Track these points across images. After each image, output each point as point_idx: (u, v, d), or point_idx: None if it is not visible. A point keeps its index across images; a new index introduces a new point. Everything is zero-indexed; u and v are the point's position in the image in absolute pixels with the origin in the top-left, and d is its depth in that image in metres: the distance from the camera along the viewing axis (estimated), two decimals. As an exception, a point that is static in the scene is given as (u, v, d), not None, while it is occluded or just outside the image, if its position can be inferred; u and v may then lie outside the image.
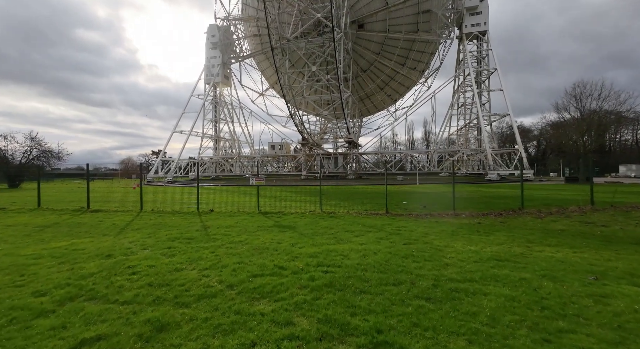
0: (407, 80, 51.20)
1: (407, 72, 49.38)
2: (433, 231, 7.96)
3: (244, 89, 54.62)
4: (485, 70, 44.42)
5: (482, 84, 45.24)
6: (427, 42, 46.72)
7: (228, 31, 50.84)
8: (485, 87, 45.12)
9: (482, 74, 45.25)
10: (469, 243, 6.63)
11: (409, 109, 52.79)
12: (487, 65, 44.34)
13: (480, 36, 44.16)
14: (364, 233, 7.74)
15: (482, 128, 40.95)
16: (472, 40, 45.22)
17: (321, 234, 7.63)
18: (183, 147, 48.43)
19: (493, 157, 38.62)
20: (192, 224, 9.30)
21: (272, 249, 6.24)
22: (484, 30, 43.73)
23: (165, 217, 10.59)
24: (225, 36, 50.37)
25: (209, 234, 7.77)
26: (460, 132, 48.28)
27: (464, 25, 44.52)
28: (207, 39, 50.90)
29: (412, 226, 8.67)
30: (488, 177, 37.38)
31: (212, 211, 11.77)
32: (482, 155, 41.92)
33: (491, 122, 45.37)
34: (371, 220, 9.78)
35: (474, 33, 44.01)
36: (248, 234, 7.77)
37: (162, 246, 6.49)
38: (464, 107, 47.06)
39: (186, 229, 8.39)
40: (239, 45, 52.00)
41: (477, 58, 45.18)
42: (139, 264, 5.27)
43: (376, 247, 6.30)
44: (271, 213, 11.22)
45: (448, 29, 46.12)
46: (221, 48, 50.35)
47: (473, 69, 43.54)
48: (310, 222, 9.32)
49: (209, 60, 50.74)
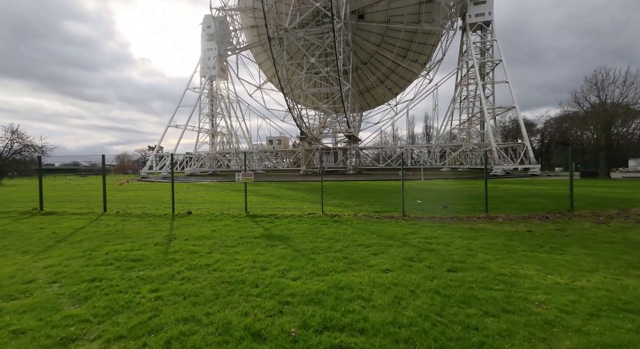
0: (408, 73, 48.66)
1: (408, 64, 46.82)
2: (477, 244, 5.69)
3: (241, 83, 51.95)
4: (490, 61, 41.90)
5: (485, 76, 42.75)
6: (429, 34, 44.10)
7: (224, 22, 47.98)
8: (489, 80, 42.65)
9: (486, 65, 42.73)
10: (544, 268, 4.36)
11: (410, 103, 50.34)
12: (491, 57, 41.82)
13: (484, 26, 41.57)
14: (384, 248, 5.46)
15: (487, 121, 38.56)
16: (475, 31, 42.63)
17: (324, 251, 5.34)
18: (178, 141, 46.01)
19: (498, 151, 36.35)
20: (156, 233, 6.99)
21: (250, 282, 3.94)
22: (488, 20, 41.14)
23: (127, 223, 8.27)
24: (221, 27, 47.53)
25: (169, 251, 5.46)
26: (462, 126, 45.92)
27: (467, 15, 41.90)
28: (203, 31, 48.08)
29: (443, 235, 6.39)
30: (493, 172, 35.14)
31: (190, 213, 9.46)
32: (486, 149, 39.64)
33: (495, 115, 43.00)
34: (386, 226, 7.50)
35: (478, 23, 41.41)
36: (223, 250, 5.47)
37: (84, 277, 4.18)
38: (467, 101, 44.63)
39: (142, 242, 6.09)
40: (236, 36, 49.21)
41: (480, 49, 42.64)
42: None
43: (410, 278, 4.01)
44: (261, 217, 8.91)
45: (451, 19, 43.41)
46: (217, 40, 47.58)
47: (477, 60, 41.00)
48: (309, 230, 7.03)
49: (205, 52, 48.00)
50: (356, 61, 47.40)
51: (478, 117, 44.27)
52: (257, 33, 46.59)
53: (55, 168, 54.98)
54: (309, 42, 40.39)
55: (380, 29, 44.23)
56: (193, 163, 48.06)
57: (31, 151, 27.89)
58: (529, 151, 35.67)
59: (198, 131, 48.11)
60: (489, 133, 37.93)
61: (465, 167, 42.94)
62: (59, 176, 43.44)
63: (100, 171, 37.82)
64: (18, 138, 27.19)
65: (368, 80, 50.22)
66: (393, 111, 53.56)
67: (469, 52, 42.05)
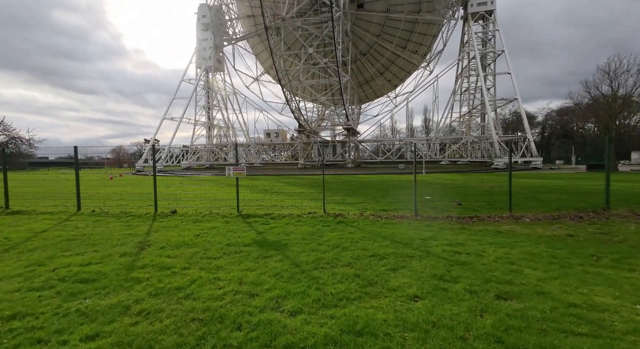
0: (408, 65, 47.19)
1: (408, 55, 45.31)
2: (516, 255, 4.57)
3: (237, 74, 50.26)
4: (492, 52, 40.43)
5: (487, 67, 41.35)
6: (429, 24, 42.50)
7: (220, 11, 45.99)
8: (491, 71, 41.27)
9: (487, 57, 41.29)
10: (623, 293, 3.24)
11: (409, 95, 48.95)
12: (493, 48, 40.36)
13: (486, 16, 40.00)
14: (403, 260, 4.33)
15: (488, 114, 37.34)
16: (477, 21, 41.06)
17: (330, 265, 4.20)
18: (174, 134, 44.49)
19: (500, 144, 35.23)
20: (129, 238, 5.81)
21: (231, 320, 2.79)
22: (490, 10, 39.58)
23: (100, 224, 7.09)
24: (216, 17, 45.58)
25: (135, 266, 4.30)
26: (463, 119, 44.69)
27: (469, 4, 40.27)
28: (198, 20, 46.14)
29: (469, 242, 5.27)
30: (494, 165, 34.11)
31: (174, 212, 8.27)
32: (487, 142, 38.56)
33: (496, 107, 41.77)
34: (399, 228, 6.37)
35: (480, 12, 39.83)
36: (204, 264, 4.32)
37: (2, 312, 3.01)
38: (468, 93, 43.31)
39: (107, 253, 4.91)
40: (232, 26, 47.31)
41: (482, 40, 41.13)
42: None
43: (451, 311, 2.88)
44: (255, 217, 7.74)
45: (452, 8, 41.78)
46: (213, 30, 45.67)
47: (478, 51, 39.51)
48: (309, 235, 5.89)
49: (200, 42, 46.11)
50: (355, 52, 45.82)
51: (479, 110, 43.04)
52: (254, 23, 44.77)
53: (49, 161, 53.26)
54: (307, 32, 38.75)
55: (380, 19, 42.59)
56: (190, 156, 46.68)
57: (18, 144, 26.43)
58: (531, 143, 34.58)
59: (194, 123, 46.60)
60: (490, 125, 36.76)
61: (466, 161, 41.86)
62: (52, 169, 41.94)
63: (97, 164, 35.69)
64: (4, 130, 25.68)
65: (367, 71, 48.73)
66: (393, 104, 52.17)
67: (470, 42, 40.57)
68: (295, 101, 41.75)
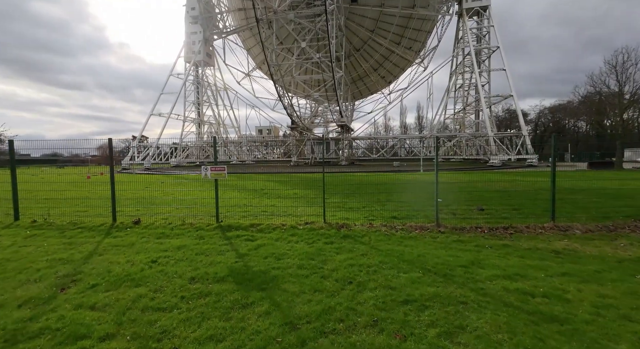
0: (402, 61, 45.68)
1: (402, 51, 43.75)
2: (616, 298, 3.01)
3: (228, 69, 47.92)
4: (487, 48, 39.20)
5: (482, 63, 40.13)
6: (424, 19, 41.02)
7: (209, 4, 43.58)
8: (486, 67, 40.06)
9: (482, 53, 40.04)
10: None
11: (404, 92, 47.51)
12: (488, 44, 39.12)
13: (481, 12, 38.74)
14: (457, 314, 2.73)
15: (484, 110, 36.15)
16: (472, 17, 39.73)
17: (344, 326, 2.56)
18: (162, 131, 42.06)
19: (496, 141, 34.11)
20: (57, 267, 4.05)
21: None
22: (485, 5, 38.30)
23: (34, 240, 5.29)
24: (206, 9, 43.18)
25: (30, 330, 2.58)
26: (457, 116, 43.50)
27: (464, 0, 38.92)
28: (187, 13, 43.62)
29: (532, 272, 3.71)
30: (490, 162, 33.00)
31: (138, 223, 6.50)
32: (482, 139, 37.42)
33: (491, 104, 40.66)
34: (425, 247, 4.78)
35: (475, 8, 38.50)
36: (140, 327, 2.62)
37: None
38: (462, 89, 42.07)
39: (5, 298, 3.18)
40: (222, 20, 44.98)
41: (477, 36, 39.84)
42: None
43: None
44: (238, 228, 6.04)
45: (447, 3, 40.43)
46: (202, 23, 43.26)
47: (473, 47, 38.20)
48: (308, 258, 4.24)
49: (189, 36, 43.67)
50: (349, 48, 44.03)
51: (473, 107, 41.87)
52: (245, 16, 42.51)
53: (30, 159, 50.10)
54: (300, 26, 36.75)
55: (374, 14, 40.90)
56: (179, 153, 44.38)
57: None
58: (527, 140, 33.53)
59: (183, 120, 44.25)
60: (485, 122, 35.60)
61: (460, 158, 40.72)
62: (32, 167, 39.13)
63: (82, 161, 32.79)
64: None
65: (361, 67, 47.05)
66: (387, 100, 50.66)
67: (465, 38, 39.24)
68: (288, 96, 39.82)
